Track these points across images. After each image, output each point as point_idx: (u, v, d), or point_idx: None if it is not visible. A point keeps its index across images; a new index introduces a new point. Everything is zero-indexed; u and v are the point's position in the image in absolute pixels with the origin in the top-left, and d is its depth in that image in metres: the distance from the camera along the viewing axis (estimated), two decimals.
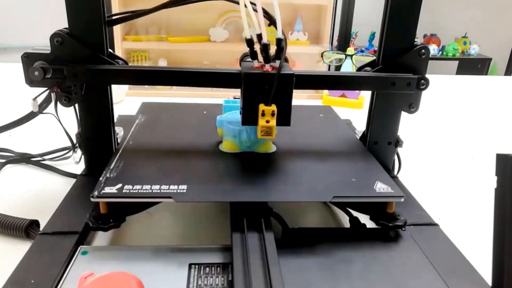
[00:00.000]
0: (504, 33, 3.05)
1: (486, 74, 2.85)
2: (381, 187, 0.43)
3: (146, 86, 1.15)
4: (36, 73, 0.45)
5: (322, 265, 0.38)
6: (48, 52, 0.47)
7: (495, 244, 0.32)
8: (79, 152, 0.55)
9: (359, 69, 0.55)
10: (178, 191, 0.40)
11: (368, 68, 0.53)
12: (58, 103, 0.49)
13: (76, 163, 0.63)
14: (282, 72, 0.44)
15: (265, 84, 0.44)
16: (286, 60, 0.54)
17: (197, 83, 0.49)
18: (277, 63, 0.45)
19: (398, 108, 0.54)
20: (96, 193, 0.39)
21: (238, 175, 0.45)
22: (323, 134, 0.60)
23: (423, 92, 0.52)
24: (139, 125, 0.59)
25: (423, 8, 0.49)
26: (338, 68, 1.08)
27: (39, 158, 0.65)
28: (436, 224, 0.46)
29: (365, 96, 1.05)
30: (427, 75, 0.51)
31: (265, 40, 0.44)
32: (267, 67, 0.45)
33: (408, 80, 0.50)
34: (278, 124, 0.45)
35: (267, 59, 0.45)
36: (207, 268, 0.37)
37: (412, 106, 0.53)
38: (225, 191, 0.42)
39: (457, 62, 2.91)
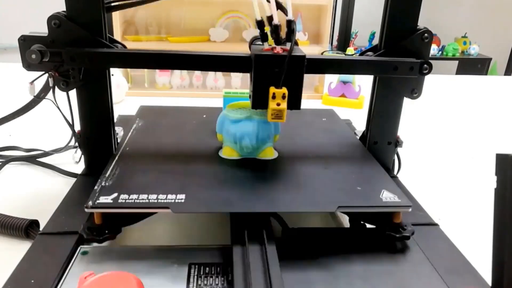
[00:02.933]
0: (504, 33, 3.05)
1: (486, 74, 2.85)
2: (387, 196, 0.42)
3: (146, 85, 1.15)
4: (33, 56, 0.44)
5: (322, 265, 0.38)
6: (46, 35, 0.45)
7: (495, 244, 0.32)
8: (79, 152, 0.55)
9: (361, 54, 0.54)
10: (176, 200, 0.39)
11: (370, 53, 0.53)
12: (56, 88, 0.48)
13: (76, 163, 0.64)
14: (293, 54, 0.42)
15: (276, 66, 0.43)
16: (297, 43, 0.52)
17: (207, 67, 0.47)
18: (288, 46, 0.44)
19: (400, 94, 0.52)
20: (90, 203, 0.38)
21: (239, 183, 0.44)
22: (326, 139, 0.58)
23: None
24: (137, 130, 0.57)
25: (423, 8, 0.49)
26: None
27: (50, 155, 0.65)
28: (436, 224, 0.46)
29: (365, 96, 1.05)
30: None
31: (276, 21, 0.43)
32: (278, 49, 0.43)
33: (411, 65, 0.49)
34: (289, 107, 0.44)
35: (278, 40, 0.44)
36: (207, 268, 0.37)
37: (414, 91, 0.52)
38: (225, 200, 0.40)
39: (457, 62, 2.91)
